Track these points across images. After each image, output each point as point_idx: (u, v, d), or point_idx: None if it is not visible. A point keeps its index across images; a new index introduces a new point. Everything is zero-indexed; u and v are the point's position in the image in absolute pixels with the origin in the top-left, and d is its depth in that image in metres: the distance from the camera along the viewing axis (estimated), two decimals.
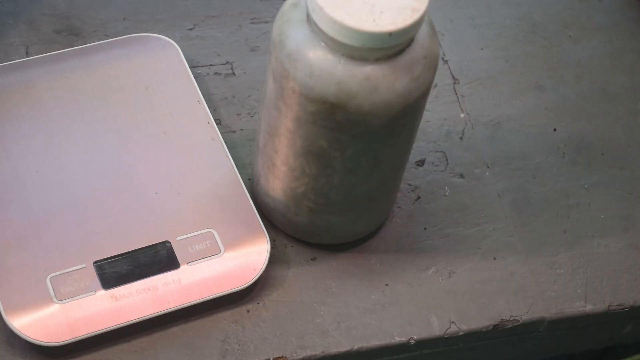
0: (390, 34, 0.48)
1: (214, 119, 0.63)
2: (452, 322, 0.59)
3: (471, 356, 0.62)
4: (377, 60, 0.50)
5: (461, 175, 0.65)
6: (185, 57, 0.65)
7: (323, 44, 0.50)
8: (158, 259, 0.57)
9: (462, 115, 0.67)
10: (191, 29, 0.69)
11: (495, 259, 0.62)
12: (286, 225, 0.60)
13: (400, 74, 0.50)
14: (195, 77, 0.64)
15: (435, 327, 0.59)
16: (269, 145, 0.56)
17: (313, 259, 0.60)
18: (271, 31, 0.53)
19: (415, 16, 0.49)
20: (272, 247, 0.59)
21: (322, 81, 0.50)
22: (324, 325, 0.58)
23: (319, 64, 0.50)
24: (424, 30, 0.51)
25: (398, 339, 0.58)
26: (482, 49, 0.71)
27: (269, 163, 0.57)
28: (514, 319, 0.60)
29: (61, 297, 0.55)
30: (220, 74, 0.67)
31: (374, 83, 0.50)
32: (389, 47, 0.49)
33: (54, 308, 0.54)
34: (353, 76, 0.50)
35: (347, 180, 0.55)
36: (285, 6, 0.52)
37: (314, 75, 0.50)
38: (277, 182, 0.57)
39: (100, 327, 0.54)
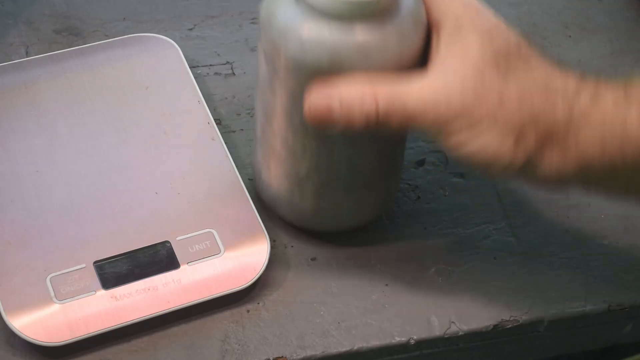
0: None
1: (214, 119, 0.62)
2: (452, 322, 0.59)
3: (471, 356, 0.62)
4: (366, 19, 0.50)
5: (461, 175, 0.65)
6: (185, 57, 0.65)
7: (310, 14, 0.50)
8: (158, 259, 0.57)
9: None
10: (191, 29, 0.69)
11: (495, 259, 0.62)
12: (291, 215, 0.60)
13: (390, 38, 0.51)
14: (195, 77, 0.64)
15: (435, 327, 0.59)
16: (267, 130, 0.56)
17: (313, 259, 0.60)
18: (259, 15, 0.53)
19: None
20: (272, 247, 0.59)
21: (314, 52, 0.51)
22: (324, 325, 0.58)
23: (309, 35, 0.50)
24: None
25: (398, 339, 0.58)
26: None
27: (269, 150, 0.57)
28: (514, 319, 0.60)
29: (61, 297, 0.55)
30: (220, 74, 0.67)
31: (366, 49, 0.50)
32: (375, 1, 0.50)
33: (54, 308, 0.54)
34: (344, 42, 0.50)
35: (348, 153, 0.55)
36: None
37: (304, 47, 0.51)
38: (279, 169, 0.57)
39: (100, 327, 0.54)
